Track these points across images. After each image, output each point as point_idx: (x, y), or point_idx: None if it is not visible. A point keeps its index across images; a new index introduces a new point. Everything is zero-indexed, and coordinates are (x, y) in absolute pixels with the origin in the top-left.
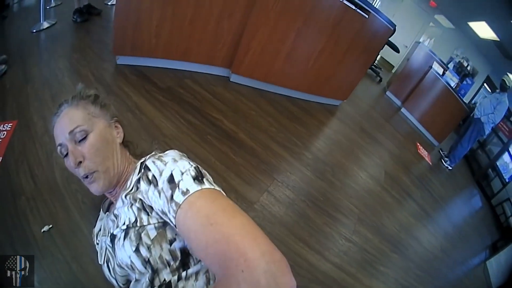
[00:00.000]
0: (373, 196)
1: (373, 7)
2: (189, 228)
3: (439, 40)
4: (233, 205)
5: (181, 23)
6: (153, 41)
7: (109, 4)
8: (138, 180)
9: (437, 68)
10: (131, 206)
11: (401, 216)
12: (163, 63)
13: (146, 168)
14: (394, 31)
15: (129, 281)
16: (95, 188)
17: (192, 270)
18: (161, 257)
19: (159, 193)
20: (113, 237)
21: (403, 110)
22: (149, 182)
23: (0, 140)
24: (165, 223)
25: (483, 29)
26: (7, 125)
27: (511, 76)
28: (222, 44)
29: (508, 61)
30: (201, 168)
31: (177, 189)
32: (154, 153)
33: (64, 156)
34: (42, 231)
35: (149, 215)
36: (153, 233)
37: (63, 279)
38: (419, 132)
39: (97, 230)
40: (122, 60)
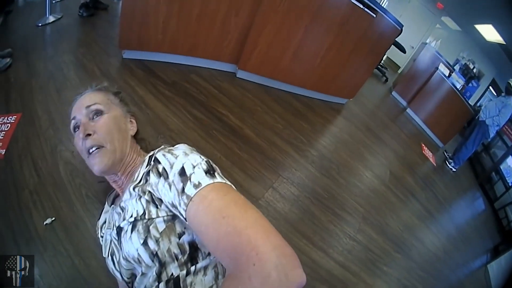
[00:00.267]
0: (377, 195)
1: (381, 7)
2: (200, 220)
3: (446, 41)
4: (245, 200)
5: (188, 19)
6: (160, 36)
7: None
8: (147, 172)
9: (443, 69)
10: (140, 198)
11: (405, 216)
12: (169, 57)
13: (156, 160)
14: (401, 31)
15: (134, 275)
16: (98, 163)
17: (200, 264)
18: (169, 251)
19: (170, 186)
20: (119, 230)
21: (408, 110)
22: (159, 174)
23: (4, 132)
24: (174, 216)
25: (489, 32)
26: (11, 117)
27: None
28: (229, 40)
29: None
30: (212, 162)
31: (188, 182)
32: (163, 147)
33: (74, 130)
34: (44, 223)
35: (158, 208)
36: (161, 226)
37: (65, 272)
38: (424, 133)
39: (101, 223)
40: (128, 54)
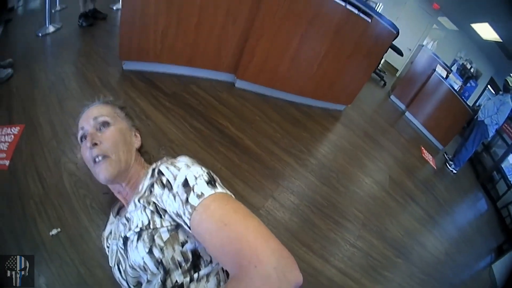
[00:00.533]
0: (377, 201)
1: (376, 11)
2: (204, 228)
3: (443, 42)
4: (245, 208)
5: (186, 29)
6: (159, 47)
7: (115, 8)
8: (151, 184)
9: (441, 71)
10: (144, 209)
11: (406, 220)
12: (168, 68)
13: (159, 173)
14: (397, 35)
15: (140, 283)
16: (104, 171)
17: (203, 272)
18: (173, 258)
19: (174, 197)
20: (125, 239)
21: (407, 114)
22: (163, 186)
23: (8, 143)
24: (178, 226)
25: (485, 30)
26: (14, 128)
27: None
28: (227, 50)
29: (511, 62)
30: (213, 173)
31: (192, 192)
32: (165, 159)
33: (81, 140)
34: (50, 234)
35: (162, 218)
36: (166, 235)
37: (70, 281)
38: (423, 136)
39: (107, 233)
40: (128, 65)
